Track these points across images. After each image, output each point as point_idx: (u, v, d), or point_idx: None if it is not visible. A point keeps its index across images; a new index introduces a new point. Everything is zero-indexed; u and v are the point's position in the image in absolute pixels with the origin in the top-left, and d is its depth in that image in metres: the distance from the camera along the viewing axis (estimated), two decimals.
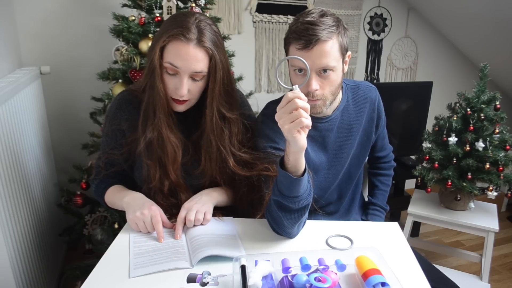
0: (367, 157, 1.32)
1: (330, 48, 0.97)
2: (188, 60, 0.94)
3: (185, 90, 0.97)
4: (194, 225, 0.99)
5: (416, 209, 1.87)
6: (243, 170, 1.06)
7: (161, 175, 1.04)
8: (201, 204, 1.01)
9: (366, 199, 1.40)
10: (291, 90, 0.78)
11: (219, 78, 1.00)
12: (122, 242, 0.94)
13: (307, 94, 1.00)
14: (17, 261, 1.33)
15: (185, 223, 0.99)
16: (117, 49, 1.60)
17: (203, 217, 0.98)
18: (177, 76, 0.97)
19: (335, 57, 0.99)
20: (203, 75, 0.98)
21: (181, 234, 0.97)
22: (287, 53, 1.05)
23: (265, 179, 1.04)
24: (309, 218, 1.01)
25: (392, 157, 1.39)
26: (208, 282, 0.80)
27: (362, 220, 1.32)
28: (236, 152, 1.07)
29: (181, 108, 1.03)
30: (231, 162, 1.05)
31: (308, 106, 0.78)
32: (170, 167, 1.04)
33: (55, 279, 1.80)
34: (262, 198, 1.01)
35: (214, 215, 1.03)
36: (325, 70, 0.99)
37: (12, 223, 1.32)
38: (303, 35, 0.96)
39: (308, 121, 0.77)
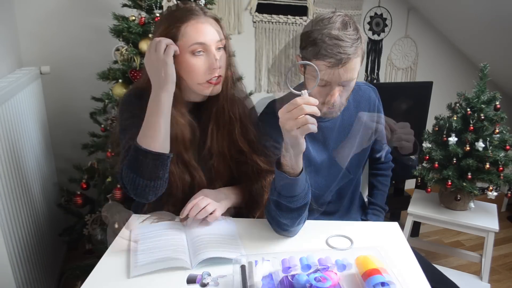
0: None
1: (356, 64, 0.98)
2: (209, 32, 0.99)
3: (218, 62, 1.00)
4: (197, 218, 0.99)
5: (416, 209, 1.86)
6: (246, 144, 1.08)
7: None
8: (217, 202, 1.02)
9: (366, 199, 1.40)
10: (300, 95, 0.77)
11: (229, 44, 1.06)
12: (122, 242, 0.94)
13: (326, 103, 1.00)
14: (17, 261, 1.32)
15: (187, 217, 0.99)
16: (117, 49, 1.60)
17: (211, 211, 0.99)
18: (204, 54, 1.00)
19: (357, 69, 1.00)
20: (223, 42, 1.03)
21: (186, 220, 1.00)
22: (304, 59, 1.01)
23: (265, 174, 1.05)
24: (309, 218, 1.01)
25: (390, 158, 1.39)
26: (208, 283, 0.80)
27: (362, 220, 1.32)
28: (244, 120, 1.09)
29: (217, 88, 1.04)
30: (237, 129, 1.08)
31: (316, 110, 0.77)
32: (182, 149, 1.04)
33: (55, 279, 1.80)
34: (263, 190, 1.03)
35: None
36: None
37: (12, 223, 1.32)
38: (333, 53, 0.93)
39: (314, 127, 0.76)
